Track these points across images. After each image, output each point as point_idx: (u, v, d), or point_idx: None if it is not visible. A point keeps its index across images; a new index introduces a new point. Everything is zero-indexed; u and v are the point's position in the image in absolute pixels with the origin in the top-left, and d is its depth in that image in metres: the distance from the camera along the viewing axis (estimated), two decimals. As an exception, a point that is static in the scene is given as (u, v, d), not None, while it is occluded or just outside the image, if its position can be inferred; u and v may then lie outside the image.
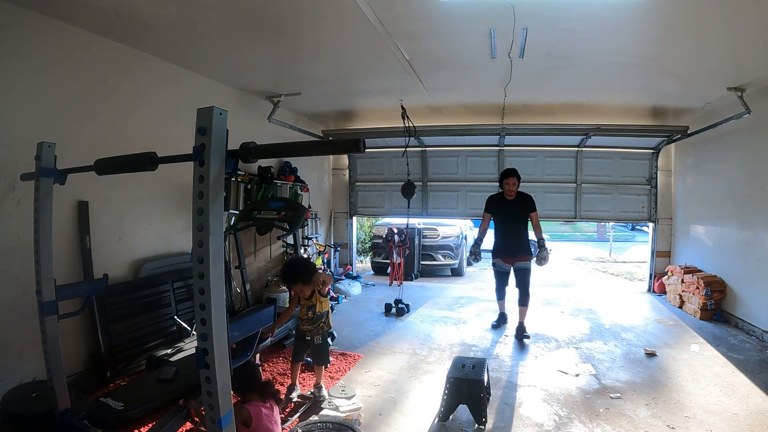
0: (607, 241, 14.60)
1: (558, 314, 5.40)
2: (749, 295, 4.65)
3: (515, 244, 4.51)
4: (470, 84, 4.77)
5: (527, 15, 2.94)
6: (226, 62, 4.09)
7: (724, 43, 3.35)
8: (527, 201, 4.52)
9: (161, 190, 3.91)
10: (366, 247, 10.37)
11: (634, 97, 5.21)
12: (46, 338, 2.06)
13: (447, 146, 7.25)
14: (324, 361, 3.10)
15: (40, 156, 1.99)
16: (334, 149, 3.90)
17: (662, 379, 3.40)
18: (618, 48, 3.53)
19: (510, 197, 4.48)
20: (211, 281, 1.27)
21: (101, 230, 3.36)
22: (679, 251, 6.46)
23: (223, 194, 1.44)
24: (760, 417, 2.79)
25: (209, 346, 1.29)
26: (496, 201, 4.60)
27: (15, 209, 2.76)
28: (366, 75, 4.53)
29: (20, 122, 2.79)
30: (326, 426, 2.47)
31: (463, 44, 3.59)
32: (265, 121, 5.28)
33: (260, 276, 5.55)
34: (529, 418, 2.81)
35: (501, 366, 3.70)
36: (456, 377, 2.70)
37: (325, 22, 3.17)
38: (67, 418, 2.14)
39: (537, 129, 6.17)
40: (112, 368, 3.21)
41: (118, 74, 3.49)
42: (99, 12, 2.90)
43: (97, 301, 3.18)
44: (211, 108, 1.27)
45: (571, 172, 6.90)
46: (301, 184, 6.16)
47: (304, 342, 3.06)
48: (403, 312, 5.31)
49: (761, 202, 4.45)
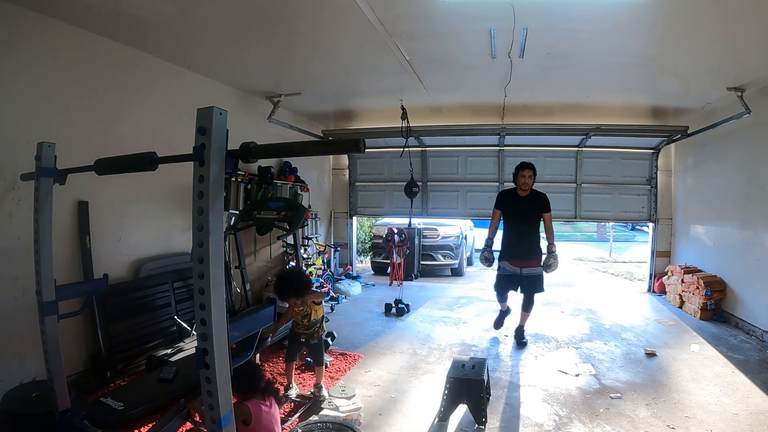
0: (607, 241, 14.60)
1: (558, 314, 5.40)
2: (749, 295, 4.65)
3: (526, 246, 4.10)
4: (470, 84, 4.77)
5: (527, 15, 2.94)
6: (226, 62, 4.09)
7: (724, 43, 3.35)
8: (542, 200, 4.11)
9: (161, 190, 3.91)
10: (366, 247, 10.37)
11: (634, 97, 5.21)
12: (46, 338, 2.06)
13: (447, 146, 7.25)
14: (321, 361, 3.10)
15: (40, 156, 2.00)
16: (334, 149, 3.91)
17: (662, 379, 3.40)
18: (618, 48, 3.53)
19: (524, 193, 4.08)
20: (211, 281, 1.27)
21: (101, 230, 3.36)
22: (679, 251, 6.46)
23: (223, 194, 1.44)
24: (760, 417, 2.79)
25: (209, 346, 1.29)
26: (507, 197, 4.23)
27: (15, 209, 2.76)
28: (366, 75, 4.53)
29: (20, 122, 2.79)
30: (326, 426, 2.47)
31: (463, 44, 3.59)
32: (265, 121, 5.28)
33: (260, 276, 5.55)
34: (529, 418, 2.81)
35: (501, 366, 3.70)
36: (456, 377, 2.70)
37: (325, 22, 3.17)
38: (67, 418, 2.14)
39: (537, 129, 6.17)
40: (112, 368, 3.20)
41: (118, 74, 3.49)
42: (99, 12, 2.90)
43: (97, 301, 3.18)
44: (211, 108, 1.27)
45: (571, 172, 6.90)
46: (301, 184, 6.16)
47: (298, 343, 3.08)
48: (403, 312, 5.31)
49: (761, 202, 4.45)
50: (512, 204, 4.15)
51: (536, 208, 4.10)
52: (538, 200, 4.11)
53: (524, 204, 4.09)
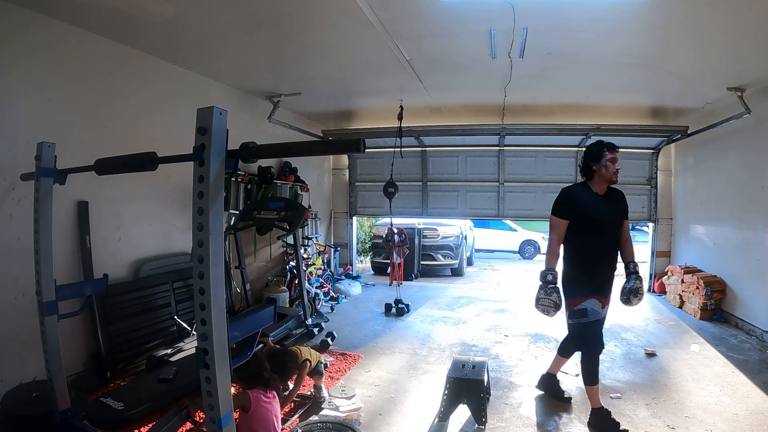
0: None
1: (558, 314, 5.39)
2: (749, 295, 4.65)
3: (611, 272, 2.79)
4: (470, 84, 4.77)
5: (527, 15, 2.94)
6: (226, 62, 4.09)
7: (724, 43, 3.35)
8: (622, 200, 2.81)
9: (161, 190, 3.91)
10: (366, 247, 10.37)
11: (634, 97, 5.21)
12: (46, 338, 2.06)
13: (447, 146, 7.26)
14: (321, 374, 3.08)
15: (40, 156, 2.00)
16: (334, 149, 3.84)
17: (662, 379, 3.40)
18: (618, 48, 3.53)
19: (602, 190, 2.73)
20: (211, 281, 1.27)
21: (101, 230, 3.36)
22: (679, 251, 6.46)
23: (223, 194, 1.44)
24: (760, 417, 2.79)
25: (209, 346, 1.29)
26: (580, 198, 2.70)
27: (15, 209, 2.76)
28: (366, 75, 4.53)
29: (20, 122, 2.79)
30: (326, 426, 2.47)
31: (463, 44, 3.58)
32: (265, 121, 5.28)
33: (260, 276, 5.55)
34: (529, 418, 2.81)
35: (501, 366, 3.70)
36: (456, 377, 2.70)
37: (325, 22, 3.17)
38: (67, 418, 2.14)
39: (537, 129, 6.17)
40: (112, 368, 3.21)
41: (118, 74, 3.49)
42: (99, 11, 2.90)
43: (97, 301, 3.18)
44: (211, 108, 1.27)
45: (571, 172, 6.90)
46: (301, 184, 6.16)
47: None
48: (403, 312, 5.31)
49: (761, 202, 4.45)
50: (591, 207, 2.68)
51: (619, 211, 2.78)
52: (618, 200, 2.79)
53: (606, 205, 2.72)
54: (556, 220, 2.74)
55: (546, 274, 2.72)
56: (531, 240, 12.76)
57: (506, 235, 12.82)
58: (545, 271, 2.73)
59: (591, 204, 2.68)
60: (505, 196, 7.12)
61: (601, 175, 2.68)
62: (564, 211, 2.71)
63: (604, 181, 2.70)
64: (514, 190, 7.11)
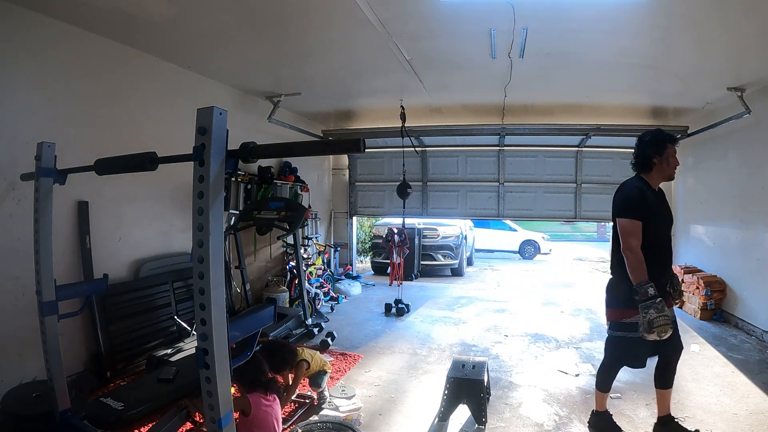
0: (607, 240, 14.56)
1: (558, 314, 5.40)
2: (749, 295, 4.65)
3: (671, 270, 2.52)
4: (470, 84, 4.77)
5: (527, 15, 2.94)
6: (226, 62, 4.09)
7: (724, 43, 3.35)
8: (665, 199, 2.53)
9: (161, 190, 3.91)
10: (366, 247, 10.37)
11: (634, 97, 5.21)
12: (46, 338, 2.06)
13: (447, 146, 7.26)
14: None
15: (40, 156, 1.99)
16: (334, 149, 3.87)
17: (662, 379, 3.40)
18: (618, 48, 3.53)
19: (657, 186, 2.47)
20: (211, 281, 1.27)
21: (101, 230, 3.36)
22: (679, 251, 6.44)
23: (223, 194, 1.44)
24: (760, 417, 2.79)
25: (209, 346, 1.28)
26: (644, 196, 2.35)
27: (15, 209, 2.76)
28: (366, 75, 4.53)
29: (20, 122, 2.79)
30: (326, 426, 2.47)
31: (463, 44, 3.58)
32: (265, 121, 5.28)
33: (260, 276, 5.55)
34: (529, 418, 2.81)
35: (501, 366, 3.70)
36: (456, 377, 2.70)
37: (325, 21, 3.17)
38: (67, 418, 2.13)
39: (537, 129, 6.18)
40: (112, 368, 3.21)
41: (118, 74, 3.49)
42: (99, 11, 2.90)
43: (97, 301, 3.18)
44: (211, 108, 1.27)
45: (571, 172, 6.91)
46: (301, 184, 6.16)
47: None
48: (403, 312, 5.31)
49: (761, 202, 4.45)
50: (655, 205, 2.38)
51: (670, 212, 2.53)
52: (665, 199, 2.52)
53: (664, 204, 2.47)
54: (631, 223, 2.27)
55: (647, 289, 2.16)
56: (531, 240, 12.78)
57: (506, 235, 12.83)
58: (644, 285, 2.16)
59: (655, 202, 2.37)
60: (505, 196, 7.13)
61: (662, 170, 2.39)
62: (639, 210, 2.29)
63: (663, 177, 2.42)
64: (514, 190, 7.11)
